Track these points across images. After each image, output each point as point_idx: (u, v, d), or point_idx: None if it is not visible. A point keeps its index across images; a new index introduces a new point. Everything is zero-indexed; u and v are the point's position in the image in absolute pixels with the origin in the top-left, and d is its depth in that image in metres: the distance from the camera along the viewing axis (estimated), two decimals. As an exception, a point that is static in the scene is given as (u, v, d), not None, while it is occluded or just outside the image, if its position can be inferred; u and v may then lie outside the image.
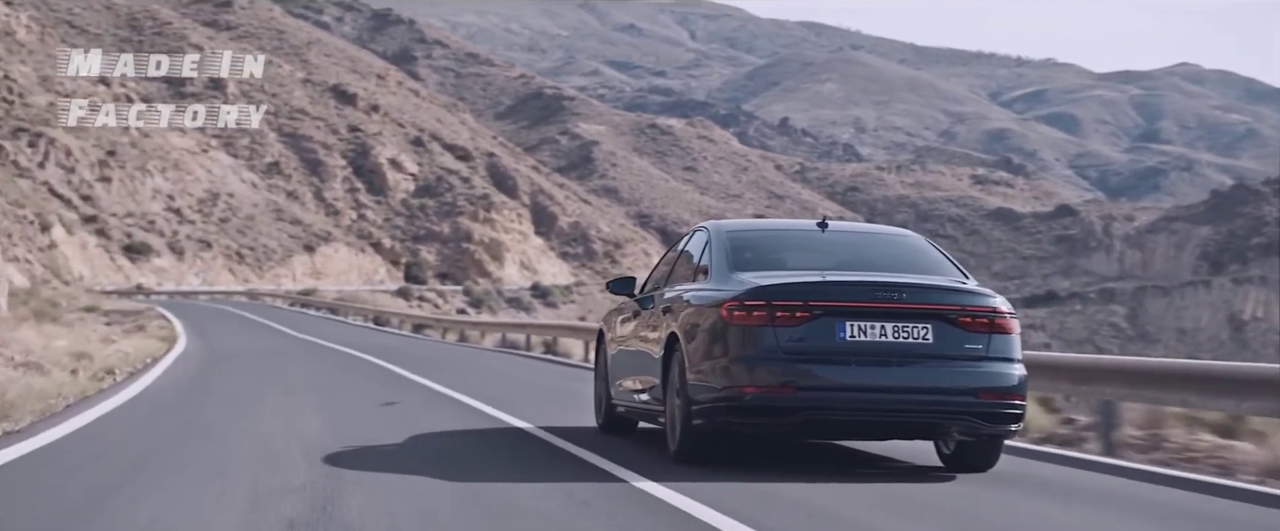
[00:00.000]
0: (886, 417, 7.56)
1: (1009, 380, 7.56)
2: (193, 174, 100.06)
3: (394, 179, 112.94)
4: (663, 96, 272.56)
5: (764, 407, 7.40)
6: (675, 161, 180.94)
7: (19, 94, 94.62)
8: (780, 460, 8.22)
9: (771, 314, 7.38)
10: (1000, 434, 7.79)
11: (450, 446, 8.94)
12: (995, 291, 7.86)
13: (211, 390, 13.46)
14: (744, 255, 8.21)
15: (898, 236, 9.15)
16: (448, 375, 16.28)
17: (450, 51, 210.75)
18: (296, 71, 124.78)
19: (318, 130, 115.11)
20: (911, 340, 7.42)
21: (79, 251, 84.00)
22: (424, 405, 12.09)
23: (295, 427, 9.62)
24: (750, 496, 6.63)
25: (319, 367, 17.83)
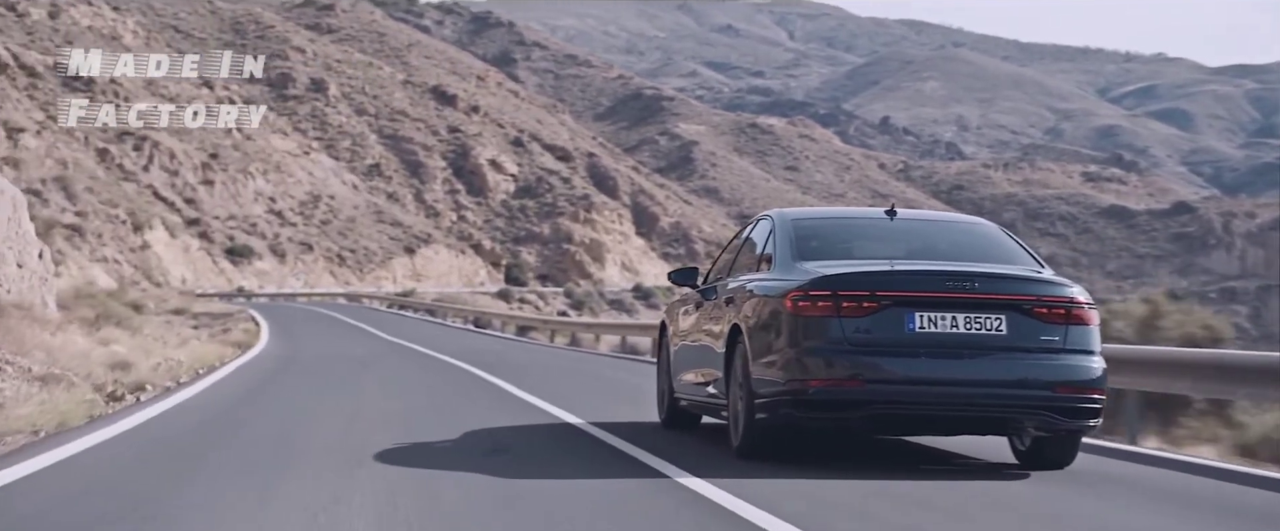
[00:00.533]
0: (958, 412, 7.30)
1: (1088, 373, 7.27)
2: (294, 176, 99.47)
3: (494, 180, 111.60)
4: (761, 97, 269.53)
5: (829, 401, 7.16)
6: (776, 161, 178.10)
7: (124, 97, 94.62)
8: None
9: (837, 304, 7.14)
10: (1079, 429, 7.48)
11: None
12: (1072, 282, 7.58)
13: (242, 426, 9.52)
14: (809, 244, 7.94)
15: (969, 224, 8.85)
16: (573, 395, 12.27)
17: (549, 53, 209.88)
18: (397, 73, 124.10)
19: (418, 131, 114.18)
20: (984, 331, 7.15)
21: (182, 254, 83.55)
22: (553, 449, 8.51)
23: (340, 507, 5.88)
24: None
25: (405, 380, 14.96)
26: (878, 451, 8.22)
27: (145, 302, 29.97)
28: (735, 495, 6.16)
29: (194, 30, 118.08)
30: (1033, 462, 7.73)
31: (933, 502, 6.35)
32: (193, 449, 7.96)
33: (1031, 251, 8.09)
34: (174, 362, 14.08)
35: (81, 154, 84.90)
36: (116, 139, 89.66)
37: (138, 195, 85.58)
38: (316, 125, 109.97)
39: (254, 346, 21.20)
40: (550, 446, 8.64)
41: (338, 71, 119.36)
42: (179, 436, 8.63)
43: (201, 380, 13.56)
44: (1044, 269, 7.78)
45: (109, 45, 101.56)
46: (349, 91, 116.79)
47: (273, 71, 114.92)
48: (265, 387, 13.26)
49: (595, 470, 7.39)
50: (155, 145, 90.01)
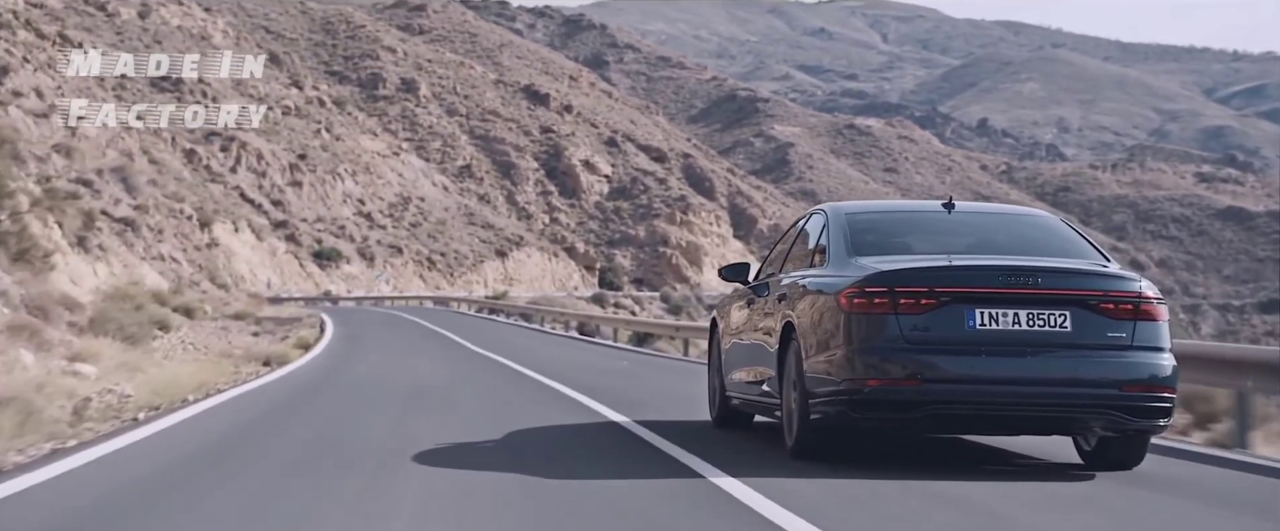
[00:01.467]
0: (1020, 412, 6.97)
1: (1157, 371, 6.89)
2: (383, 178, 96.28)
3: (588, 181, 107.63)
4: (855, 99, 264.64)
5: (886, 401, 6.84)
6: (874, 163, 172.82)
7: (212, 98, 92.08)
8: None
9: (894, 301, 6.83)
10: (1148, 429, 7.10)
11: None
12: (1140, 275, 7.28)
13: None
14: (864, 238, 7.64)
15: (1030, 217, 8.59)
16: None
17: (641, 56, 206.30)
18: (488, 72, 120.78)
19: (510, 131, 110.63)
20: (1048, 328, 6.83)
21: (268, 257, 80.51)
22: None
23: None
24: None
25: (500, 443, 8.35)
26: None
27: (202, 306, 26.10)
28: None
29: (285, 31, 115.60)
30: (1098, 463, 7.40)
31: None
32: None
33: (1096, 244, 7.76)
34: (116, 398, 9.33)
35: (167, 155, 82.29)
36: (203, 140, 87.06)
37: (224, 197, 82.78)
38: (407, 126, 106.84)
39: (299, 360, 16.76)
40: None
41: (428, 71, 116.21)
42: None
43: (159, 421, 8.78)
44: (1110, 262, 7.43)
45: (199, 45, 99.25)
46: (440, 91, 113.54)
47: (363, 71, 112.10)
48: (201, 472, 6.92)
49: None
50: (243, 146, 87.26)
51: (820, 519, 5.33)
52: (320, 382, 13.99)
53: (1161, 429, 7.21)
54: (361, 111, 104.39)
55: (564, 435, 8.99)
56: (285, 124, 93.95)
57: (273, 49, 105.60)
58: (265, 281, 77.74)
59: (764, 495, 5.93)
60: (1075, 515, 5.98)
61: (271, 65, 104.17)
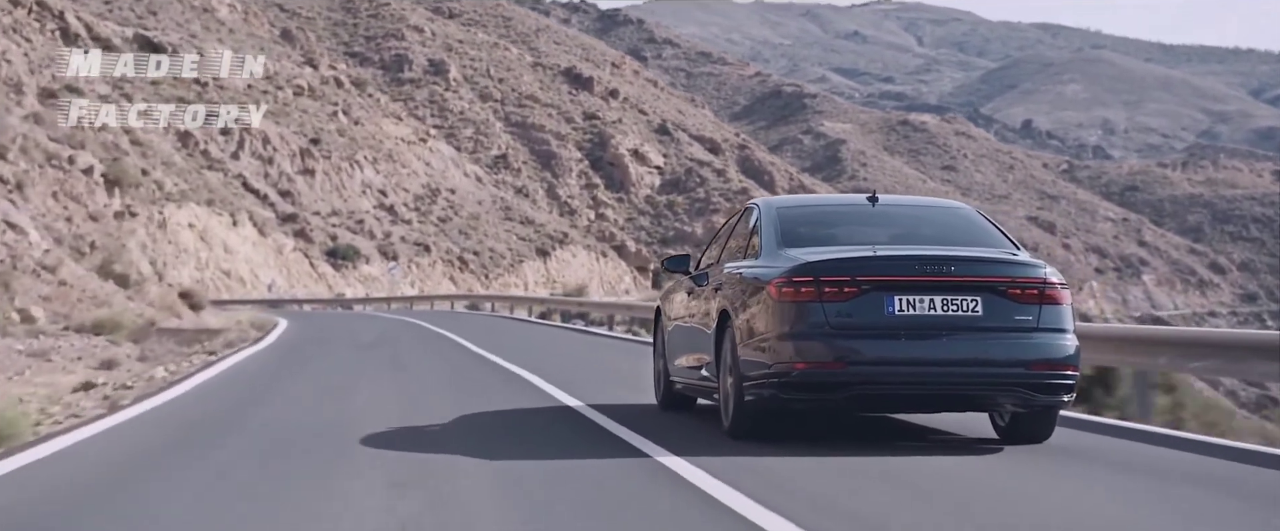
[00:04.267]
0: (936, 391, 7.31)
1: (1061, 351, 7.25)
2: (408, 167, 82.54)
3: (637, 172, 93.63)
4: (894, 101, 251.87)
5: (813, 383, 7.16)
6: (931, 160, 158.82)
7: (213, 76, 78.49)
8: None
9: (819, 290, 7.12)
10: (1053, 405, 7.47)
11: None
12: (1044, 263, 7.49)
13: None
14: (793, 231, 7.90)
15: (950, 209, 8.88)
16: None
17: (681, 51, 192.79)
18: (525, 55, 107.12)
19: (550, 118, 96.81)
20: (961, 313, 7.14)
21: (273, 255, 66.79)
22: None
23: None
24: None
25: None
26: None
27: (8, 313, 12.90)
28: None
29: (299, 8, 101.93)
30: (1012, 437, 7.71)
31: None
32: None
33: (1008, 235, 8.00)
34: None
35: (156, 137, 68.72)
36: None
37: (224, 186, 69.19)
38: (435, 111, 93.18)
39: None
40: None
41: (459, 52, 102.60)
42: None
43: None
44: (1019, 251, 7.72)
45: (201, 18, 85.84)
46: (471, 74, 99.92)
47: (387, 52, 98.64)
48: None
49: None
50: (246, 128, 73.68)
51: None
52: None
53: (1065, 404, 7.54)
54: (384, 94, 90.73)
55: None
56: (297, 106, 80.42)
57: (286, 25, 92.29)
58: (268, 283, 64.07)
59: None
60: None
61: (283, 42, 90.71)
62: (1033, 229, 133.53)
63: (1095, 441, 8.01)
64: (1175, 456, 7.49)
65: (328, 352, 15.38)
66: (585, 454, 7.10)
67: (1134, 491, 6.22)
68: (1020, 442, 7.54)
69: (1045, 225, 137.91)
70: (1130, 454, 7.59)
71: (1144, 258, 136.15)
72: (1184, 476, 6.76)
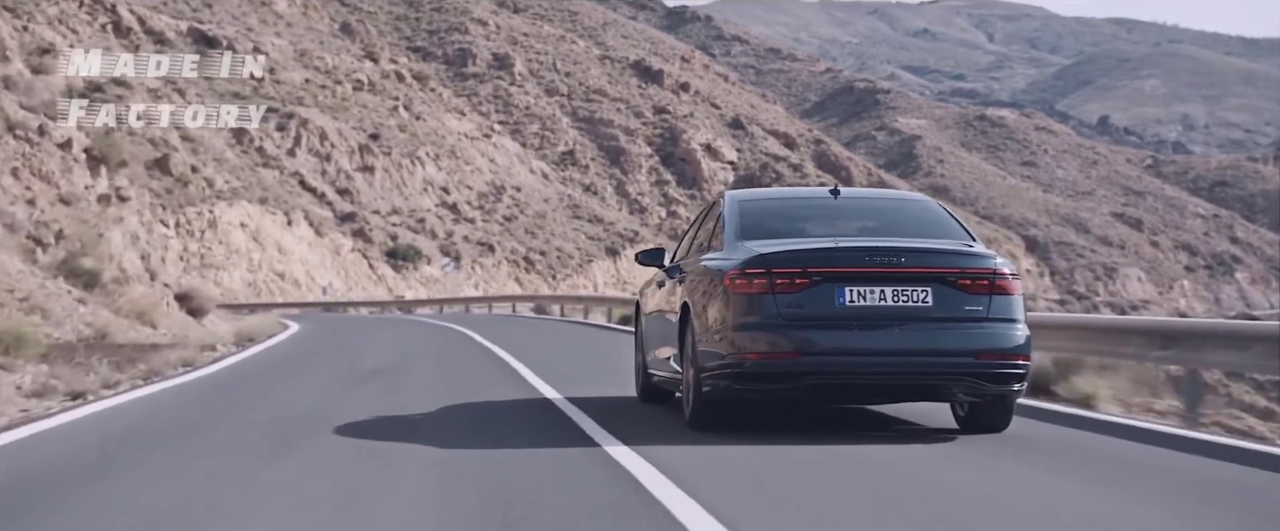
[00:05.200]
0: (887, 380, 7.32)
1: (1010, 341, 7.26)
2: (472, 163, 78.41)
3: (709, 168, 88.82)
4: (966, 99, 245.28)
5: (765, 374, 7.16)
6: (1010, 156, 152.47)
7: (269, 69, 74.83)
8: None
9: (771, 281, 7.13)
10: (1003, 394, 7.45)
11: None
12: (996, 254, 7.46)
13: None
14: (753, 224, 7.92)
15: (910, 201, 8.97)
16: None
17: (749, 48, 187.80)
18: (592, 49, 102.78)
19: (618, 113, 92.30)
20: (911, 303, 7.14)
21: (330, 256, 62.86)
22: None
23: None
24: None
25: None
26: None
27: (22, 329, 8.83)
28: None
29: (361, 2, 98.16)
30: (971, 427, 7.72)
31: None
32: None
33: (965, 226, 7.98)
34: None
35: (207, 132, 65.06)
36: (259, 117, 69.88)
37: (279, 184, 65.44)
38: (500, 106, 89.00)
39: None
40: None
41: (524, 46, 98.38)
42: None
43: None
44: (975, 243, 7.65)
45: (258, 11, 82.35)
46: (537, 68, 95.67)
47: (450, 46, 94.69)
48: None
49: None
50: (304, 124, 69.99)
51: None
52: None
53: (1016, 393, 7.48)
54: (447, 88, 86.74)
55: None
56: (356, 100, 76.61)
57: (346, 19, 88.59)
58: (322, 286, 60.10)
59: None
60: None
61: (343, 35, 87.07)
62: (1119, 226, 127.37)
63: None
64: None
65: (285, 391, 10.92)
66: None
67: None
68: (980, 431, 7.58)
69: (1131, 222, 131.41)
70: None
71: (1237, 255, 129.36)
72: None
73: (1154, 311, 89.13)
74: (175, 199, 56.97)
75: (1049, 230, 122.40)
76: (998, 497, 5.56)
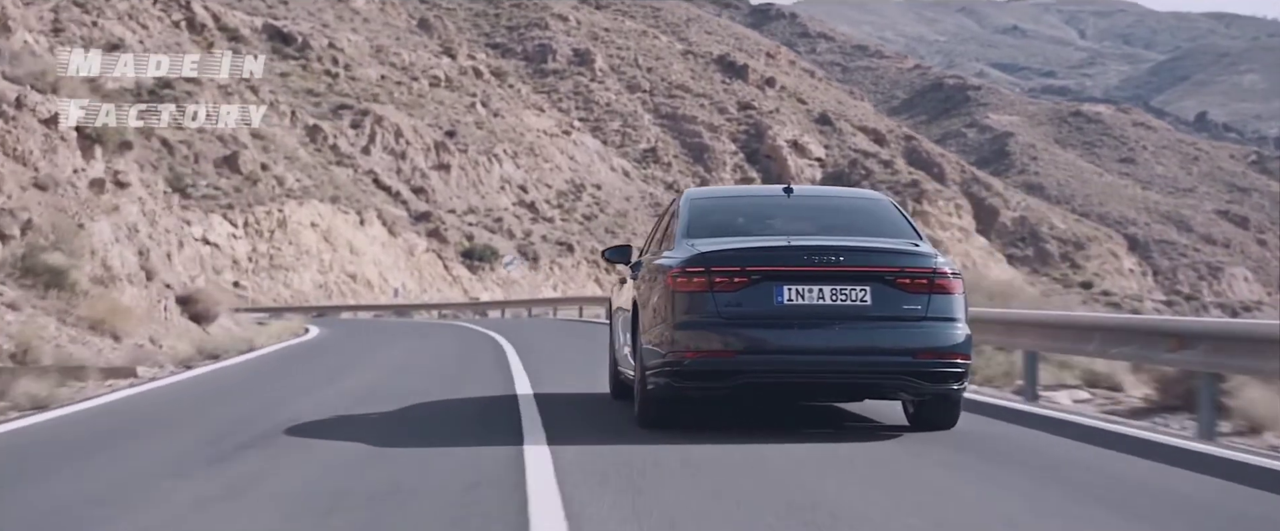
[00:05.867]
0: (826, 379, 7.25)
1: (948, 339, 7.17)
2: (551, 161, 75.74)
3: (797, 165, 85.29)
4: (1057, 96, 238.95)
5: (704, 371, 7.10)
6: (1107, 152, 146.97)
7: (344, 66, 72.92)
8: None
9: (711, 280, 7.09)
10: (943, 393, 7.38)
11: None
12: (939, 253, 7.40)
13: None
14: (701, 223, 7.86)
15: (863, 199, 8.94)
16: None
17: (836, 45, 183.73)
18: (675, 44, 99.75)
19: (702, 109, 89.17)
20: (850, 302, 7.07)
21: (404, 257, 60.49)
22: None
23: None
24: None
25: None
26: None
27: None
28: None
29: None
30: (919, 424, 7.68)
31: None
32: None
33: (914, 225, 7.91)
34: None
35: (280, 129, 63.14)
36: (331, 115, 67.89)
37: (353, 183, 63.25)
38: (580, 102, 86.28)
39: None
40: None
41: (605, 41, 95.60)
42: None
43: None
44: (921, 243, 7.55)
45: (335, 7, 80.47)
46: (618, 64, 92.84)
47: (529, 42, 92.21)
48: None
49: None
50: (378, 121, 67.81)
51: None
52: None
53: (956, 391, 7.38)
54: (526, 85, 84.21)
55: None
56: (432, 97, 74.34)
57: (424, 15, 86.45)
58: (394, 288, 57.67)
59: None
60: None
61: (420, 31, 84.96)
62: (1223, 224, 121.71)
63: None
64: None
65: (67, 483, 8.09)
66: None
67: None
68: (928, 429, 7.52)
69: (1237, 220, 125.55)
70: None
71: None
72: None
73: (1268, 314, 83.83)
74: (244, 198, 54.96)
75: (1149, 228, 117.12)
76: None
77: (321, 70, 71.03)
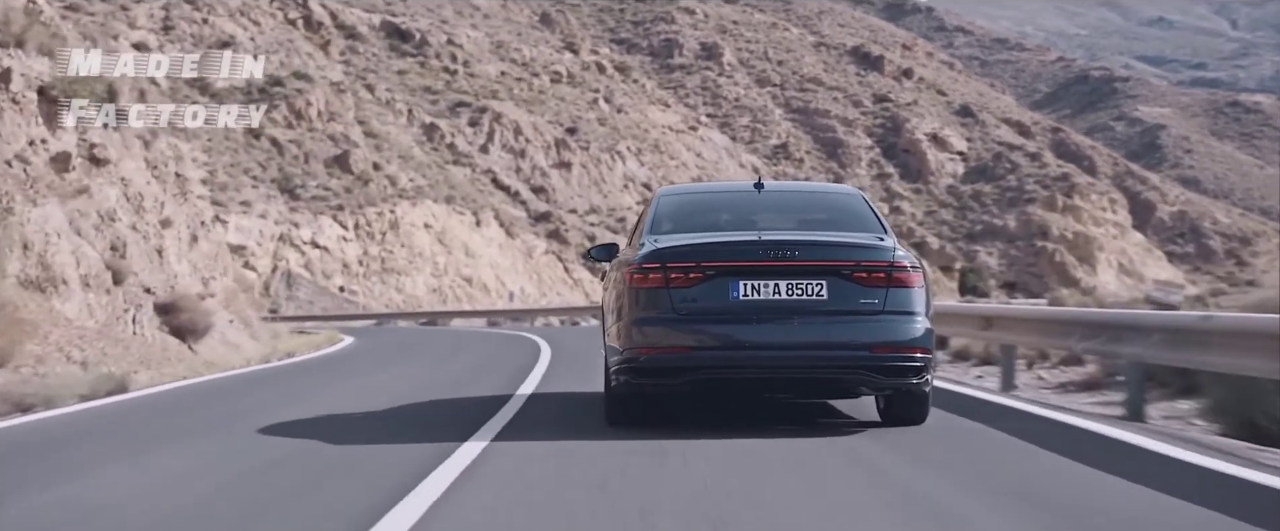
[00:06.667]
0: (782, 374, 7.01)
1: (906, 334, 6.89)
2: (677, 158, 72.02)
3: (937, 159, 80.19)
4: (1207, 89, 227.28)
5: (659, 368, 6.92)
6: (1267, 144, 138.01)
7: (463, 62, 70.22)
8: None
9: (666, 276, 6.90)
10: (901, 387, 7.12)
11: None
12: (898, 246, 7.13)
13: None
14: (667, 219, 7.71)
15: (834, 194, 8.75)
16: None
17: (974, 38, 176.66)
18: (806, 36, 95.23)
19: (835, 102, 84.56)
20: (805, 297, 6.84)
21: (522, 259, 57.28)
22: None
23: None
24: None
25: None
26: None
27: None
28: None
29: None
30: (890, 420, 7.52)
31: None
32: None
33: (881, 219, 7.72)
34: None
35: (395, 127, 60.56)
36: (449, 112, 65.14)
37: (470, 183, 60.34)
38: (707, 97, 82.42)
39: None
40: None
41: (734, 35, 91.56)
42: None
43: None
44: (886, 235, 7.30)
45: (454, 3, 77.92)
46: (747, 57, 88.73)
47: (655, 37, 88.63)
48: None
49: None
50: (497, 118, 64.85)
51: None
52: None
53: (915, 385, 7.09)
54: (651, 80, 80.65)
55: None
56: (553, 93, 71.21)
57: (546, 10, 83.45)
58: (510, 292, 54.44)
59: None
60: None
61: (541, 26, 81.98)
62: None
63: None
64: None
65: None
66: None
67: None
68: (899, 424, 7.36)
69: None
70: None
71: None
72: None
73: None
74: (354, 198, 52.38)
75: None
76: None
77: (439, 67, 68.42)
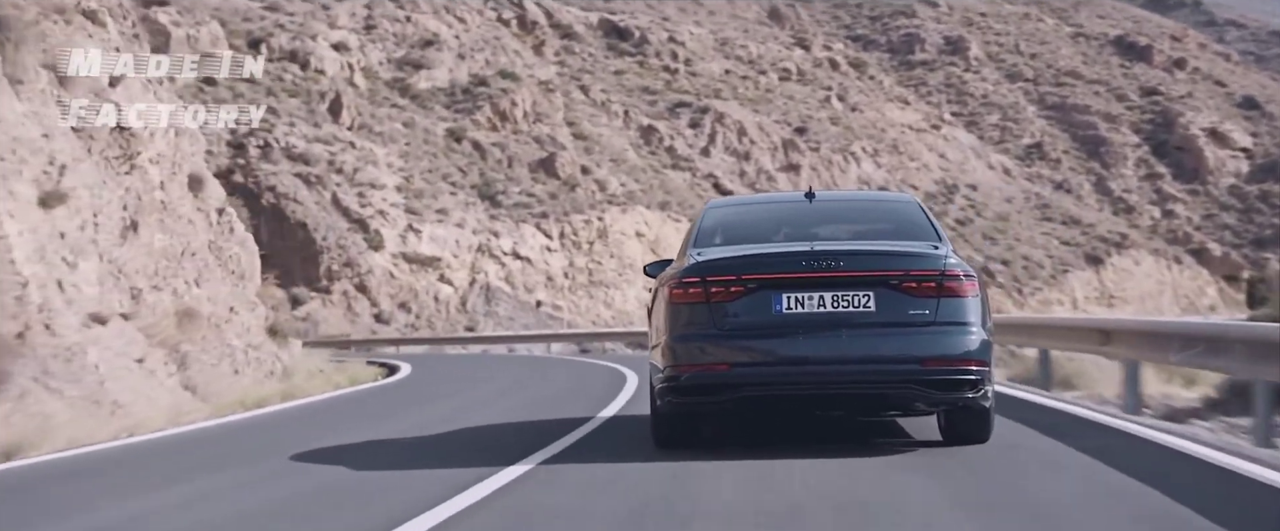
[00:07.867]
0: (828, 390, 6.66)
1: (959, 346, 6.56)
2: (918, 159, 65.18)
3: (1216, 157, 70.67)
4: None
5: (701, 386, 6.66)
6: None
7: (684, 61, 65.32)
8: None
9: (707, 290, 6.64)
10: (957, 402, 6.75)
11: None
12: (950, 254, 6.75)
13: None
14: (713, 232, 7.43)
15: (888, 202, 8.64)
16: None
17: (1248, 32, 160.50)
18: (1061, 26, 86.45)
19: (1096, 97, 75.91)
20: (852, 309, 6.55)
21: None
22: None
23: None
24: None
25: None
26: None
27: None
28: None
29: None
30: (952, 439, 7.13)
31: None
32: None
33: (938, 227, 7.30)
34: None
35: (608, 129, 56.06)
36: (668, 113, 60.32)
37: (689, 188, 55.27)
38: (952, 95, 75.11)
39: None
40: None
41: (981, 28, 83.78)
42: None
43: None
44: (942, 244, 6.94)
45: (676, 0, 73.24)
46: (996, 51, 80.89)
47: (895, 33, 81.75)
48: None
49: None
50: (719, 119, 59.62)
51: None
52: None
53: (971, 400, 6.72)
54: (888, 76, 73.97)
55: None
56: (781, 91, 65.52)
57: (775, 4, 77.79)
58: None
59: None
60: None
61: (770, 22, 76.40)
62: None
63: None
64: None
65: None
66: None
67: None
68: (961, 443, 6.96)
69: None
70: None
71: None
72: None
73: None
74: (560, 205, 47.98)
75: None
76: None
77: (659, 66, 63.71)
